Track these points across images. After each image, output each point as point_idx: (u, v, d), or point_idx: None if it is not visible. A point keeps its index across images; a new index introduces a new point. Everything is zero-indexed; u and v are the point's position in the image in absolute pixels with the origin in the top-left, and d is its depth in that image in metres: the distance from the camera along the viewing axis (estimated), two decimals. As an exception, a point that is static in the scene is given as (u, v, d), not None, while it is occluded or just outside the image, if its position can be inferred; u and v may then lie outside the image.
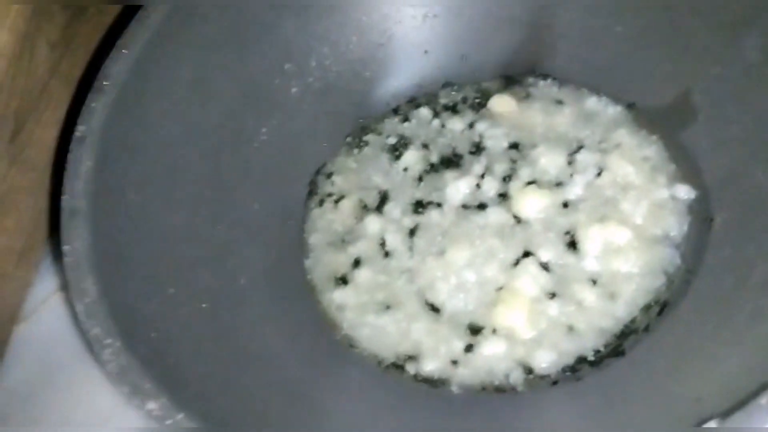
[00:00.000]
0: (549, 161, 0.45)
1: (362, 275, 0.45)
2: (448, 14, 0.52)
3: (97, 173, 0.39)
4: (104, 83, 0.42)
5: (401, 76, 0.53)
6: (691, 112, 0.44)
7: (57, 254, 0.51)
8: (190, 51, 0.46)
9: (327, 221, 0.48)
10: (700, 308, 0.38)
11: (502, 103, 0.50)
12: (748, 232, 0.38)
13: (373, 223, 0.46)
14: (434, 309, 0.43)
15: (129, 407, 0.43)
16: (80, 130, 0.40)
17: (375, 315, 0.44)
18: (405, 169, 0.49)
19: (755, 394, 0.29)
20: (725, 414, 0.29)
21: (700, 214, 0.42)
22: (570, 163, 0.45)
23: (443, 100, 0.51)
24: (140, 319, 0.37)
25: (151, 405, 0.31)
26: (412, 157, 0.49)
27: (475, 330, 0.42)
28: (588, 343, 0.40)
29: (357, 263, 0.46)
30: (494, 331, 0.41)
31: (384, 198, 0.48)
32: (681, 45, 0.44)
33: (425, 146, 0.49)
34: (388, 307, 0.43)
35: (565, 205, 0.44)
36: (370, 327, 0.43)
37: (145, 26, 0.44)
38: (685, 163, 0.44)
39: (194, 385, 0.36)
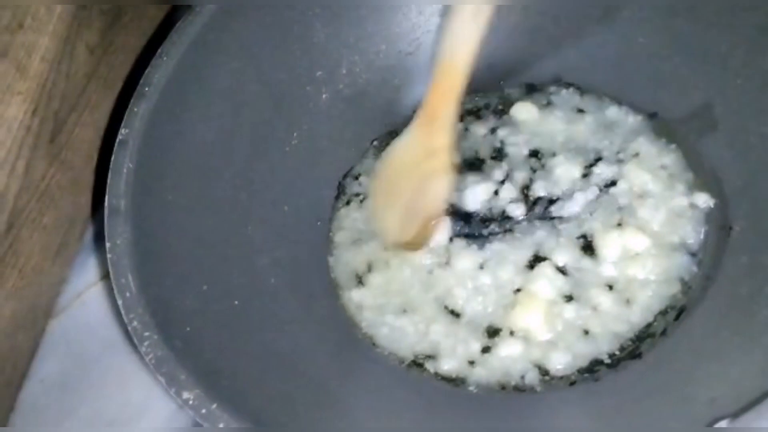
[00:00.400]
0: (564, 171, 0.47)
1: (377, 279, 0.47)
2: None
3: (138, 175, 0.41)
4: (146, 89, 0.44)
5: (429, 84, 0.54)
6: (711, 123, 0.45)
7: (90, 251, 0.53)
8: (226, 59, 0.48)
9: (352, 219, 0.50)
10: (716, 314, 0.39)
11: (523, 110, 0.51)
12: (765, 241, 0.39)
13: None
14: (454, 313, 0.44)
15: (161, 399, 0.46)
16: (123, 133, 0.42)
17: (393, 315, 0.45)
18: None
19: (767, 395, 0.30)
20: (736, 414, 0.30)
21: (719, 222, 0.43)
22: (585, 175, 0.47)
23: (467, 106, 0.53)
24: (176, 314, 0.38)
25: (186, 395, 0.33)
26: None
27: (492, 332, 0.43)
28: (603, 347, 0.41)
29: (374, 264, 0.47)
30: (511, 332, 0.42)
31: None
32: (703, 57, 0.45)
33: None
34: (404, 311, 0.45)
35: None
36: (389, 327, 0.45)
37: (185, 35, 0.46)
38: (703, 172, 0.45)
39: (225, 378, 0.37)
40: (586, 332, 0.42)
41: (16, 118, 0.44)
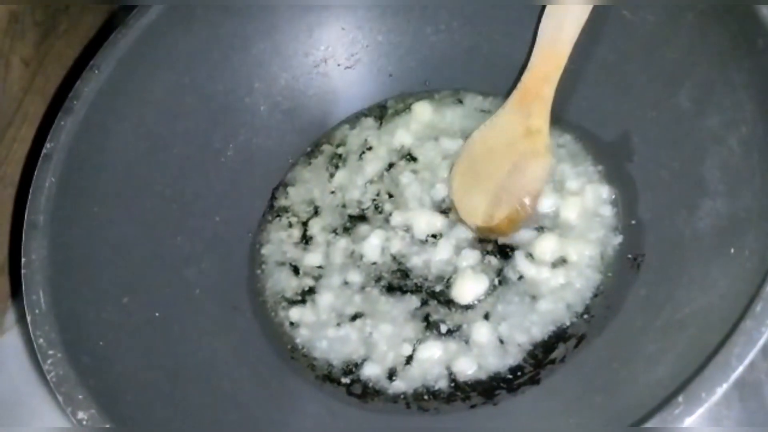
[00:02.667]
0: None
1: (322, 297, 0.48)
2: (414, 42, 0.54)
3: (61, 188, 0.42)
4: (74, 102, 0.45)
5: (366, 97, 0.55)
6: (629, 152, 0.46)
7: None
8: (161, 71, 0.48)
9: (279, 238, 0.51)
10: (611, 345, 0.40)
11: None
12: (662, 276, 0.40)
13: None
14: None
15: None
16: (48, 147, 0.43)
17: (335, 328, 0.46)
18: (332, 192, 0.52)
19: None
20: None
21: (628, 253, 0.44)
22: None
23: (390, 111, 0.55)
24: (89, 328, 0.39)
25: (81, 415, 0.34)
26: (343, 177, 0.52)
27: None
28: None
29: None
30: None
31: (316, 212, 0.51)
32: (623, 87, 0.46)
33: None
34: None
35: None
36: (328, 340, 0.46)
37: (117, 48, 0.46)
38: (623, 201, 0.46)
39: (135, 393, 0.38)
40: (501, 341, 0.43)
41: (-48, 136, 0.44)
